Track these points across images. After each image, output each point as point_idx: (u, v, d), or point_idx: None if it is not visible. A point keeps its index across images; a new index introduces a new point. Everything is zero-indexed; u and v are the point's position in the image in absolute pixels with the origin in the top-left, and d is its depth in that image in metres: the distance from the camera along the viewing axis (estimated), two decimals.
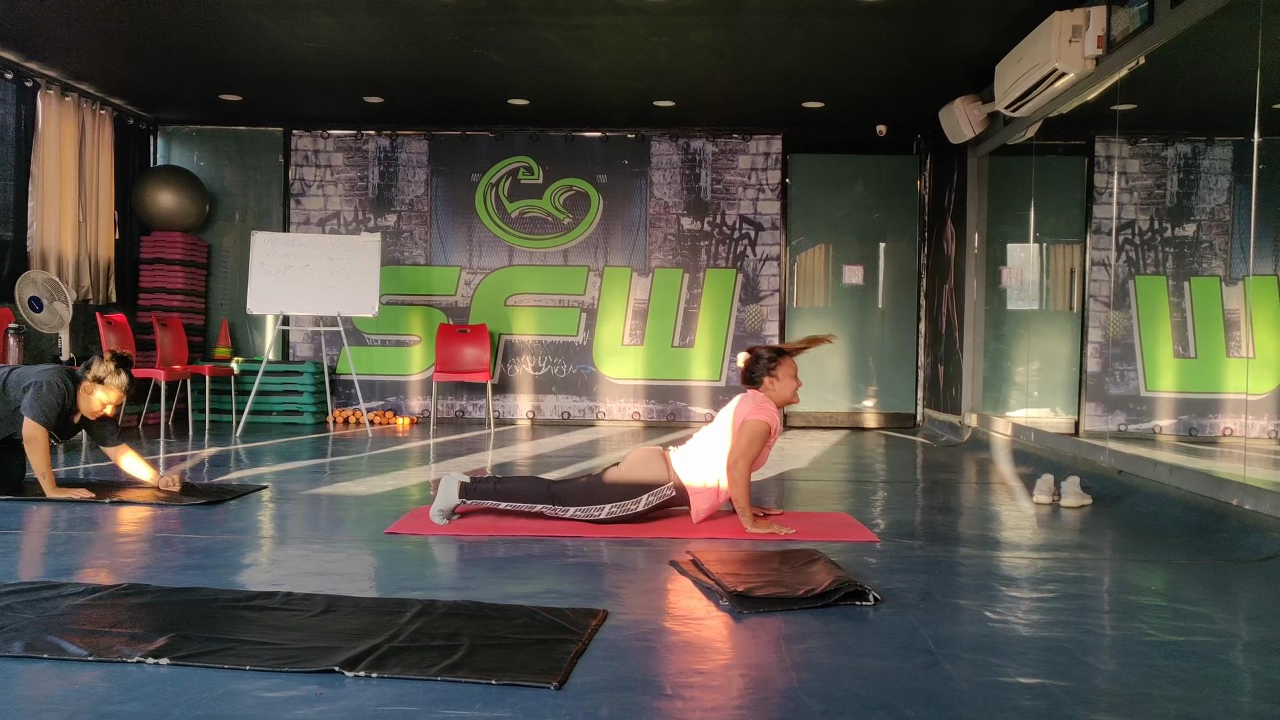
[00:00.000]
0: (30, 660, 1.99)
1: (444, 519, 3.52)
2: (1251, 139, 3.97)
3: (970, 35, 5.51)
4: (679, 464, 3.56)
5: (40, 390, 3.92)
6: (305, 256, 7.12)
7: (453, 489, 3.53)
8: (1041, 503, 4.25)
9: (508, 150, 7.97)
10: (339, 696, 1.82)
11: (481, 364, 7.59)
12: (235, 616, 2.31)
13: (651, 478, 3.53)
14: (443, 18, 5.37)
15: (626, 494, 3.51)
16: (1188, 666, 2.08)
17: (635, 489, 3.52)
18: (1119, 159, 6.69)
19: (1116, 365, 6.70)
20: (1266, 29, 3.76)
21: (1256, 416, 6.32)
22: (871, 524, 3.71)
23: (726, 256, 7.96)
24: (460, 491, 3.53)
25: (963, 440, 6.64)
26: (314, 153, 8.01)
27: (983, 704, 1.84)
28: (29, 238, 6.48)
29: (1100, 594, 2.74)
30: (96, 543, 3.21)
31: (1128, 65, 4.57)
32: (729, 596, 2.52)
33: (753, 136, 7.92)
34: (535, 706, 1.78)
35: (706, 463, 3.55)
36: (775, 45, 5.76)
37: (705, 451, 3.56)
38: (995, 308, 6.92)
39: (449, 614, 2.33)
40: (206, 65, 6.37)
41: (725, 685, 1.92)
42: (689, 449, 3.61)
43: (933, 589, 2.71)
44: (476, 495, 3.55)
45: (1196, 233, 6.66)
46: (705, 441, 3.59)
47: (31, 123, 6.50)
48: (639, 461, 3.57)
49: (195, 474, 4.84)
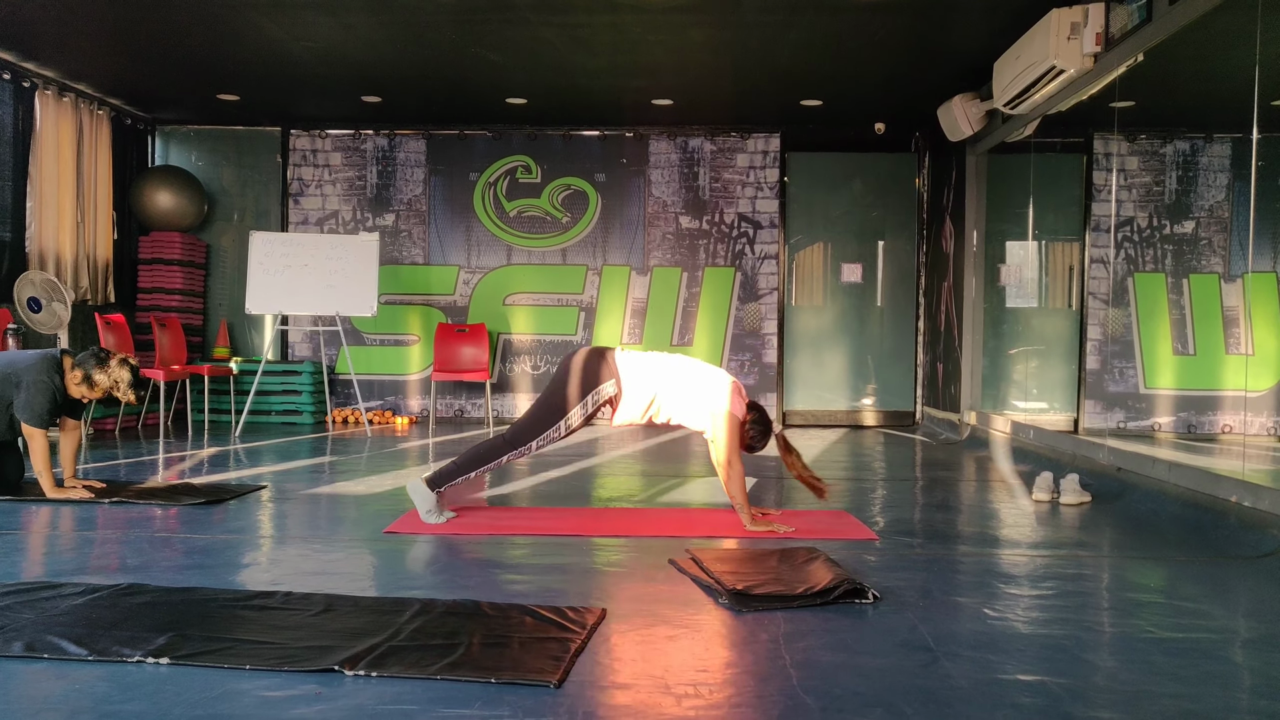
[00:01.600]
0: (30, 660, 1.99)
1: (438, 518, 3.52)
2: (1250, 136, 3.97)
3: (968, 32, 5.50)
4: (625, 367, 3.55)
5: (30, 393, 3.92)
6: (303, 256, 7.12)
7: (421, 488, 3.54)
8: (1040, 500, 4.25)
9: (506, 149, 7.97)
10: (338, 695, 1.82)
11: (480, 363, 7.59)
12: (235, 616, 2.31)
13: (592, 376, 3.53)
14: (441, 17, 5.37)
15: (574, 399, 3.52)
16: (1186, 663, 2.08)
17: (579, 391, 3.52)
18: (1117, 156, 6.70)
19: (1115, 363, 6.70)
20: (1265, 25, 3.76)
21: (1255, 413, 6.32)
22: (870, 522, 3.71)
23: (725, 255, 7.96)
24: (429, 485, 3.54)
25: (961, 438, 6.65)
26: (312, 152, 8.00)
27: (982, 701, 1.84)
28: (27, 238, 6.47)
29: (1099, 591, 2.75)
30: (96, 543, 3.20)
31: (1126, 62, 4.57)
32: (728, 595, 2.52)
33: (751, 135, 7.92)
34: (534, 705, 1.78)
35: (650, 390, 3.54)
36: (773, 43, 5.76)
37: (654, 377, 3.55)
38: (994, 305, 6.93)
39: (448, 613, 2.33)
40: (204, 65, 6.36)
41: (725, 683, 1.92)
42: (642, 361, 3.59)
43: (932, 587, 2.72)
44: (444, 481, 3.56)
45: (1195, 230, 6.66)
46: (661, 372, 3.56)
47: (29, 123, 6.49)
48: (578, 366, 3.56)
49: (194, 474, 4.84)
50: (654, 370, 3.58)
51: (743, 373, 7.94)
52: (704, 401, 3.53)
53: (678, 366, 3.61)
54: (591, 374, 3.55)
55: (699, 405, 3.55)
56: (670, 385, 3.56)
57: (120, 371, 4.01)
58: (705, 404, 3.53)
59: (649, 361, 3.61)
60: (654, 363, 3.61)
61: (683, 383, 3.57)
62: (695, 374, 3.59)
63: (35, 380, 3.92)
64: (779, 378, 7.95)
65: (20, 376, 3.95)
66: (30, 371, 3.95)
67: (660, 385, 3.56)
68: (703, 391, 3.54)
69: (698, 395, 3.54)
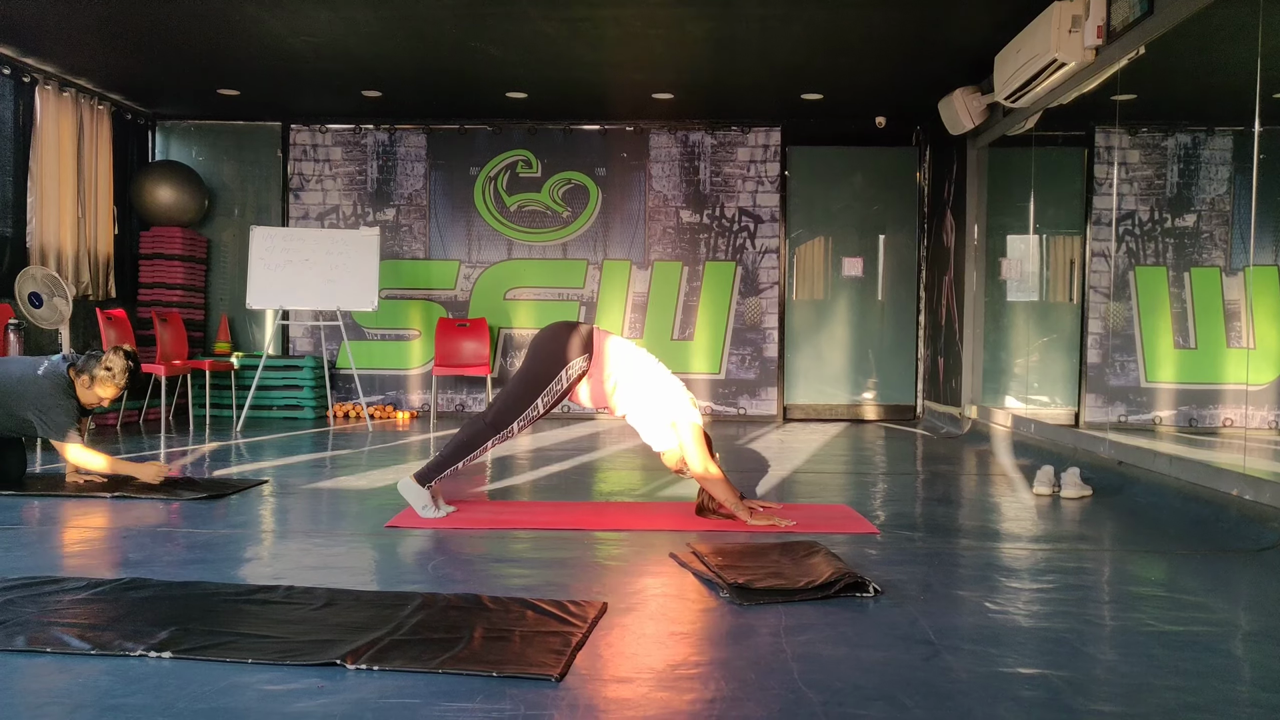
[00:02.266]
0: (33, 655, 1.99)
1: (436, 512, 3.52)
2: (1252, 129, 3.96)
3: (969, 26, 5.49)
4: (600, 345, 3.52)
5: (51, 416, 3.96)
6: (304, 251, 7.12)
7: (412, 486, 3.53)
8: (1041, 494, 4.25)
9: (506, 144, 7.96)
10: (341, 689, 1.82)
11: (481, 358, 7.59)
12: (237, 610, 2.31)
13: (565, 354, 3.50)
14: (441, 11, 5.36)
15: (547, 377, 3.49)
16: (1187, 656, 2.08)
17: (551, 369, 3.49)
18: (1119, 149, 6.68)
19: (1116, 356, 6.70)
20: (1266, 18, 3.75)
21: (1257, 407, 6.32)
22: (871, 516, 3.71)
23: (726, 249, 7.95)
24: (419, 481, 3.53)
25: (962, 432, 6.65)
26: (312, 147, 8.00)
27: (983, 694, 1.84)
28: (28, 233, 6.47)
29: (1100, 585, 2.75)
30: (98, 537, 3.21)
31: (1127, 55, 4.56)
32: (729, 588, 2.52)
33: (751, 129, 7.91)
34: (536, 698, 1.79)
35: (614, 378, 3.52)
36: (774, 37, 5.75)
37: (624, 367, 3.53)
38: (995, 299, 6.92)
39: (450, 607, 2.33)
40: (204, 60, 6.36)
41: (726, 677, 1.93)
42: (619, 347, 3.56)
43: (933, 580, 2.72)
44: (433, 474, 3.54)
45: (1197, 223, 6.65)
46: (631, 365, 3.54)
47: (29, 118, 6.49)
48: (549, 339, 3.53)
49: (196, 469, 4.85)
50: (626, 361, 3.54)
51: (744, 367, 7.94)
52: (665, 411, 3.51)
53: (648, 368, 3.57)
54: (562, 349, 3.51)
55: (658, 413, 3.53)
56: (634, 383, 3.53)
57: (114, 358, 4.08)
58: (667, 413, 3.51)
59: (626, 351, 3.57)
60: (629, 354, 3.56)
61: (647, 386, 3.53)
62: (660, 381, 3.55)
63: (53, 405, 3.96)
64: (780, 372, 7.95)
65: (31, 403, 3.97)
66: (42, 398, 3.97)
67: (624, 377, 3.53)
68: (665, 400, 3.52)
69: (659, 403, 3.52)
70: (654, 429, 3.58)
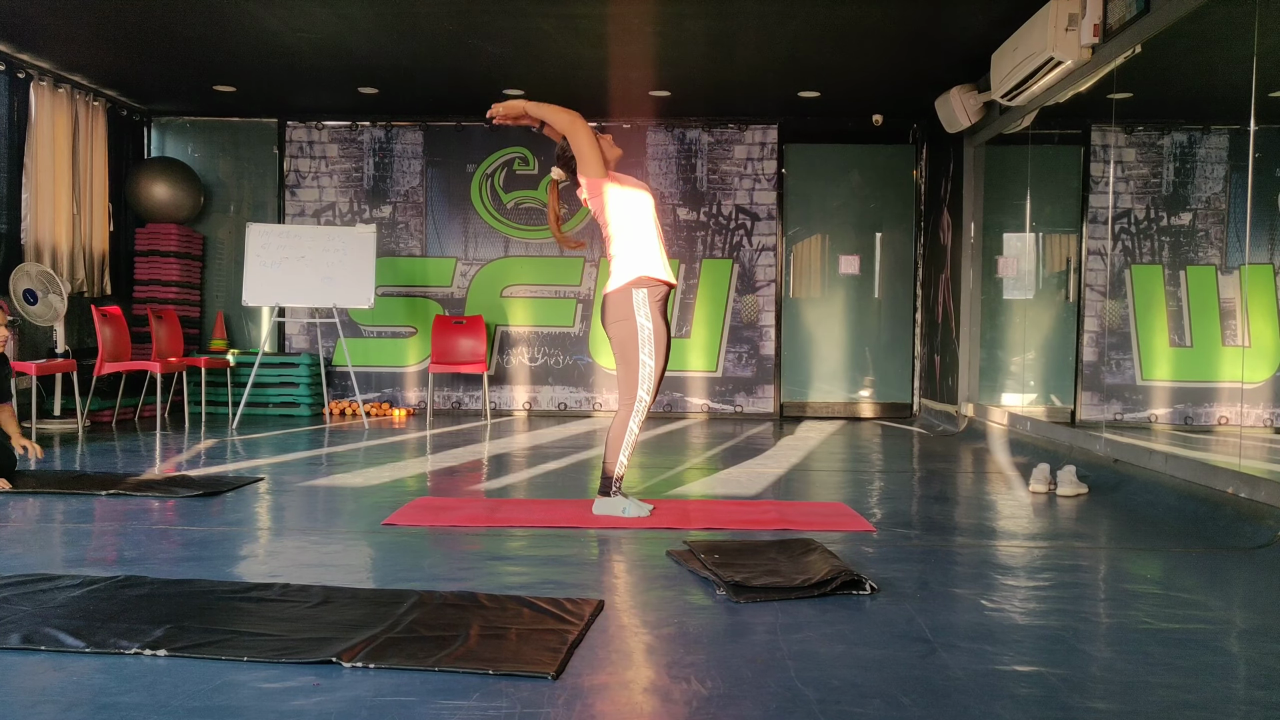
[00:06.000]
0: (27, 652, 1.99)
1: (638, 510, 3.54)
2: (1248, 127, 3.97)
3: (966, 24, 5.49)
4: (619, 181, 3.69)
5: None
6: (300, 248, 7.11)
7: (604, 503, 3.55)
8: (1037, 492, 4.26)
9: (503, 141, 7.95)
10: (337, 687, 1.82)
11: (477, 355, 7.59)
12: (233, 608, 2.31)
13: (628, 306, 3.53)
14: (437, 7, 5.35)
15: (631, 335, 3.52)
16: (1183, 654, 2.08)
17: (629, 328, 3.52)
18: (1115, 148, 6.69)
19: (1112, 354, 6.71)
20: (1263, 17, 3.75)
21: (1252, 405, 6.33)
22: (868, 514, 3.71)
23: (722, 247, 7.95)
24: (605, 493, 3.57)
25: (959, 430, 6.65)
26: (308, 144, 7.98)
27: (979, 692, 1.84)
28: (23, 230, 6.45)
29: (1096, 582, 2.75)
30: (92, 535, 3.20)
31: (1124, 54, 4.56)
32: (725, 586, 2.52)
33: (748, 126, 7.91)
34: (532, 696, 1.79)
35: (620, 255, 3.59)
36: (771, 34, 5.74)
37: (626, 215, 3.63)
38: (991, 297, 6.93)
39: (446, 605, 2.33)
40: (200, 56, 6.34)
41: (722, 674, 1.93)
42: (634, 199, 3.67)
43: (929, 578, 2.72)
44: (610, 481, 3.57)
45: (1192, 222, 6.66)
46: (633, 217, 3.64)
47: (24, 115, 6.47)
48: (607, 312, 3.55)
49: (191, 466, 4.84)
50: (626, 214, 3.62)
51: (740, 365, 7.94)
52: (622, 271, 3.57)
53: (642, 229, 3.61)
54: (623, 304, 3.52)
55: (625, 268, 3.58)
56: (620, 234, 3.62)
57: None
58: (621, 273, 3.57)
59: (640, 203, 3.64)
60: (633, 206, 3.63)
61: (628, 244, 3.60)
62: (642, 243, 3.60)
63: None
64: (776, 370, 7.95)
65: None
66: None
67: (619, 228, 3.62)
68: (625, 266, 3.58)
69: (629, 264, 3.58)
70: (618, 275, 3.60)
